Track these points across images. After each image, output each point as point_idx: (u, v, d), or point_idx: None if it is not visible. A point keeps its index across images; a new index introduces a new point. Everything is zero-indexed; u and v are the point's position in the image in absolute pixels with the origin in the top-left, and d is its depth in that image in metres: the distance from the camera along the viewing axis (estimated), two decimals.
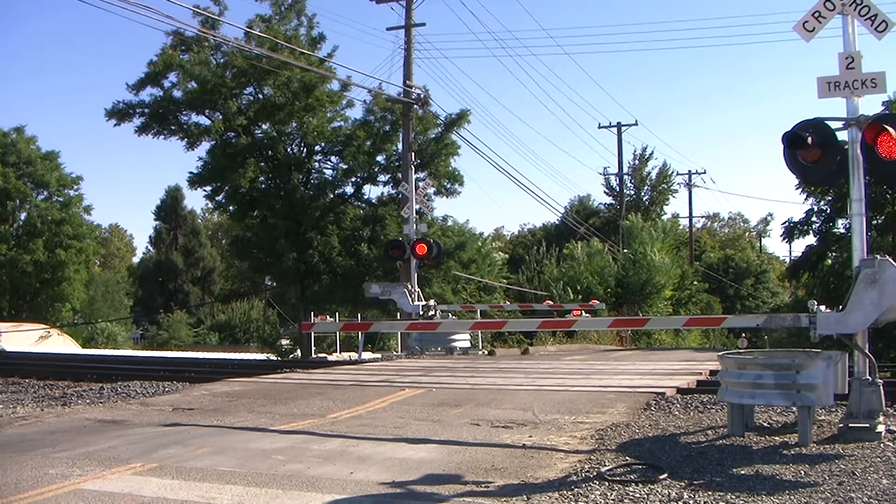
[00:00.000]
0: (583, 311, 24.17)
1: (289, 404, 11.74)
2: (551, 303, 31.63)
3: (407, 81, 27.82)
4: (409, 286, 23.41)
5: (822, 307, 8.42)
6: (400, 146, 31.63)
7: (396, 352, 25.02)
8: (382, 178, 36.36)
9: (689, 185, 56.69)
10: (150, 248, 70.33)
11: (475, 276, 36.46)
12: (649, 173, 58.30)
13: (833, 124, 8.78)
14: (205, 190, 35.16)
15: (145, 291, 64.64)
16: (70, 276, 43.96)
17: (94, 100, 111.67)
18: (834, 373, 8.08)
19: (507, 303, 34.44)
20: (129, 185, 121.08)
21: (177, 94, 33.87)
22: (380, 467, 7.55)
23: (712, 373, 13.91)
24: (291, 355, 29.49)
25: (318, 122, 34.21)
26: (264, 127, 34.84)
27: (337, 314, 27.50)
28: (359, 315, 28.16)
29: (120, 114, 33.65)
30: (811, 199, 30.31)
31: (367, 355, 23.05)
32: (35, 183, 43.97)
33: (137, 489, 6.89)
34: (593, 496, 6.43)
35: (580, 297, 36.10)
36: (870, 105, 33.10)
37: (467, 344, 23.84)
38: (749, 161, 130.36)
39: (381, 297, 24.68)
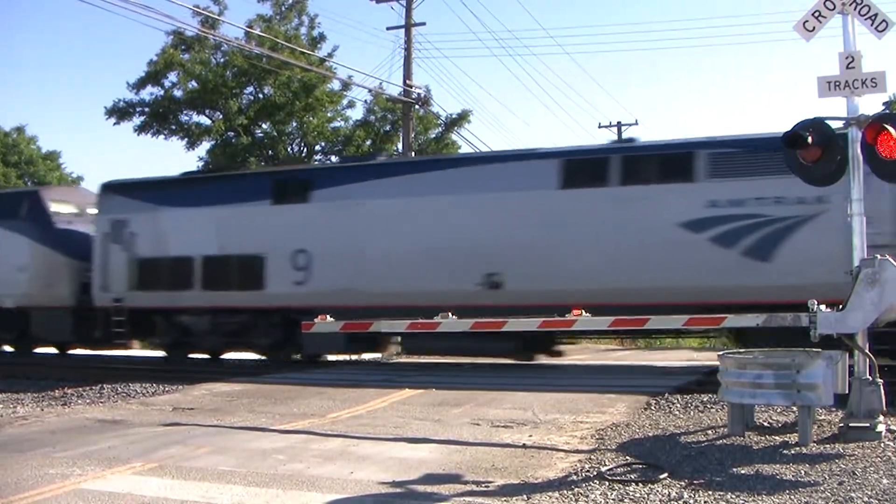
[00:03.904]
0: (583, 311, 24.02)
1: (289, 404, 11.74)
2: None
3: (407, 81, 27.80)
4: None
5: (822, 306, 8.42)
6: (400, 146, 31.64)
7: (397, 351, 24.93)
8: None
9: None
10: None
11: None
12: None
13: (833, 124, 8.77)
14: None
15: None
16: None
17: (95, 99, 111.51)
18: (834, 372, 8.08)
19: None
20: None
21: (177, 93, 33.92)
22: (380, 467, 7.55)
23: (712, 372, 13.89)
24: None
25: (318, 121, 34.24)
26: (264, 126, 34.87)
27: None
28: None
29: (120, 112, 33.69)
30: None
31: (367, 355, 22.99)
32: (36, 183, 43.98)
33: (138, 489, 6.89)
34: (593, 496, 6.42)
35: None
36: (870, 104, 33.14)
37: None
38: None
39: None
